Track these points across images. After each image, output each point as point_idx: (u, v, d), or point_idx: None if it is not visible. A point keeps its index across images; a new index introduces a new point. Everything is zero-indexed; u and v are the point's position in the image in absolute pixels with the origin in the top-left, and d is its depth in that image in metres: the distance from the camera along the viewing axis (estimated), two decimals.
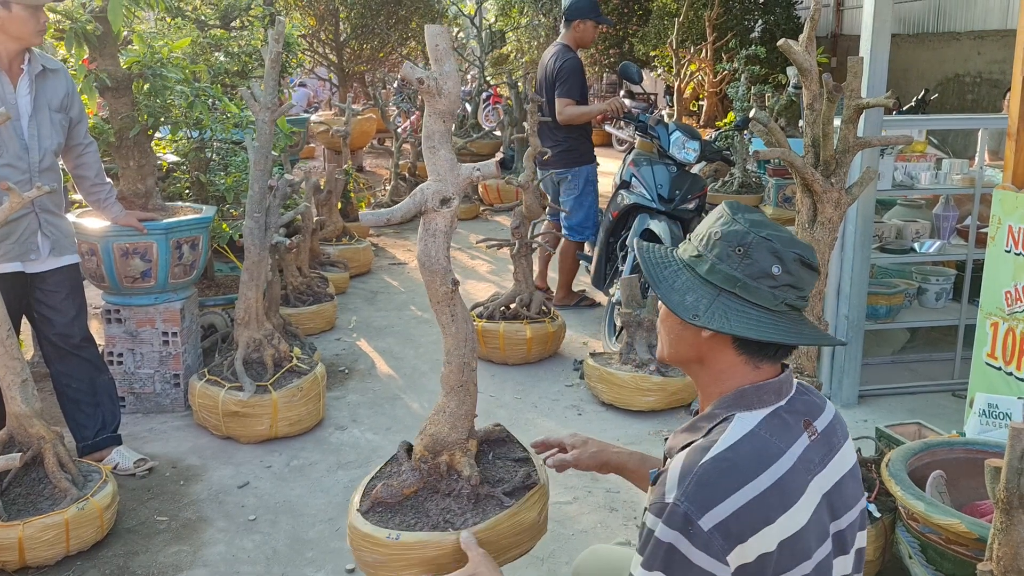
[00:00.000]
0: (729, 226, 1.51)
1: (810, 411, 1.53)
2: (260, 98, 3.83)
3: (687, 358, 1.59)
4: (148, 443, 3.92)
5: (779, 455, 1.42)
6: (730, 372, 1.53)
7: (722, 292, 1.49)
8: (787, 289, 1.49)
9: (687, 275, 1.53)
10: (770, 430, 1.45)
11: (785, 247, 1.49)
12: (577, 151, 5.71)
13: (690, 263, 1.54)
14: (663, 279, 1.54)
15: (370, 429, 4.11)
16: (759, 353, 1.51)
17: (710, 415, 1.52)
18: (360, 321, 5.77)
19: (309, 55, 13.77)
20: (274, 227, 4.04)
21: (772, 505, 1.37)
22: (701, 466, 1.39)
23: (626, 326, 4.36)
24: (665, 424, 4.14)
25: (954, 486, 2.77)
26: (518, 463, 2.38)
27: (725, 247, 1.50)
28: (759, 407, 1.48)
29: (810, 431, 1.49)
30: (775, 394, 1.51)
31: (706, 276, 1.51)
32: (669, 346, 1.61)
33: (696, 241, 1.56)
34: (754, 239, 1.48)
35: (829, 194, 2.90)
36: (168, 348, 4.20)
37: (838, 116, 2.98)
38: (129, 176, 4.17)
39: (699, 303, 1.49)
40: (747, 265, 1.48)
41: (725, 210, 1.56)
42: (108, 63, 4.01)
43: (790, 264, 1.49)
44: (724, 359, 1.53)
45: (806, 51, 2.95)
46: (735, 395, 1.51)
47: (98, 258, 3.99)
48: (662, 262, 1.58)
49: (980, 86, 10.97)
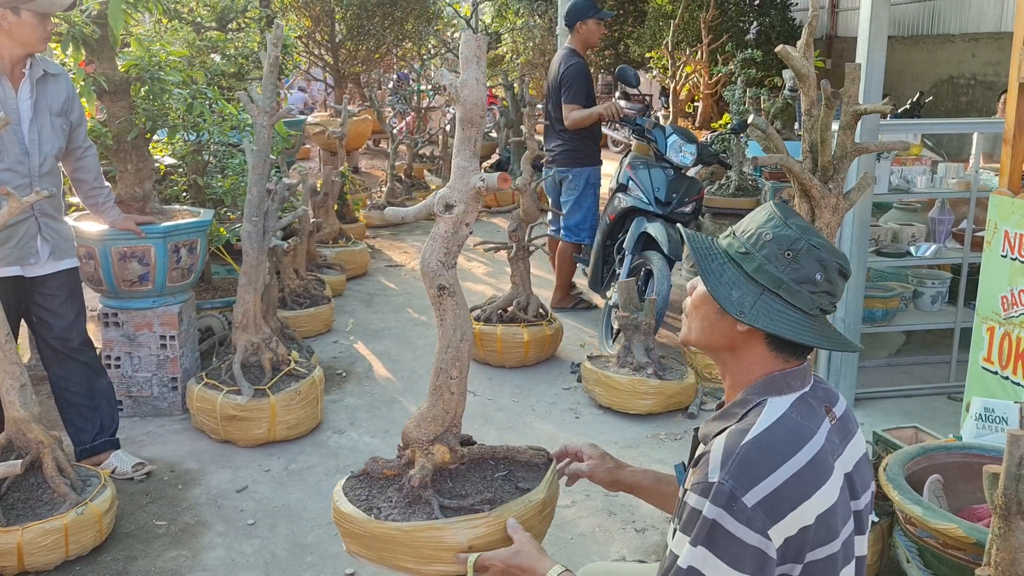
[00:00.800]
0: (781, 229, 1.56)
1: (828, 398, 1.62)
2: (258, 102, 3.83)
3: (717, 346, 1.64)
4: (146, 447, 3.92)
5: (811, 435, 1.50)
6: (760, 363, 1.60)
7: (765, 291, 1.55)
8: (824, 296, 1.56)
9: (733, 270, 1.58)
10: (800, 413, 1.54)
11: (830, 256, 1.56)
12: (580, 152, 5.73)
13: (736, 258, 1.59)
14: (711, 271, 1.59)
15: (368, 432, 4.12)
16: (788, 350, 1.58)
17: (742, 401, 1.59)
18: (357, 324, 5.77)
19: (305, 56, 13.77)
20: (272, 231, 4.04)
21: (808, 481, 1.45)
22: (743, 447, 1.46)
23: (623, 329, 4.38)
24: (662, 427, 4.15)
25: (951, 490, 2.78)
26: (509, 492, 2.22)
27: (775, 249, 1.55)
28: (788, 392, 1.56)
29: (830, 416, 1.58)
30: (800, 380, 1.59)
31: (753, 274, 1.56)
32: (701, 333, 1.65)
33: (743, 237, 1.61)
34: (804, 246, 1.55)
35: (827, 199, 2.92)
36: (166, 351, 4.20)
37: (835, 121, 3.00)
38: (127, 179, 4.17)
39: (744, 299, 1.55)
40: (794, 269, 1.54)
41: (776, 212, 1.60)
42: (106, 66, 4.01)
43: (832, 273, 1.56)
44: (755, 351, 1.60)
45: (804, 57, 2.96)
46: (765, 381, 1.58)
47: (96, 261, 3.99)
48: (709, 253, 1.62)
49: (974, 88, 11.00)
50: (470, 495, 2.19)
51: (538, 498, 2.12)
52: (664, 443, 4.00)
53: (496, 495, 2.19)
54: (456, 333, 2.20)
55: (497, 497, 2.17)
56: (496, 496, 2.18)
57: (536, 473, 2.24)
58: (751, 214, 1.67)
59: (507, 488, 2.23)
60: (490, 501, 2.12)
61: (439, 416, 2.25)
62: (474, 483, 2.28)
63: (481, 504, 2.10)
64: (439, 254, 2.11)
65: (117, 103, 4.06)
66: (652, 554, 3.09)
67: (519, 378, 4.79)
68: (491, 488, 2.24)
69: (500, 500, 2.14)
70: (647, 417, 4.22)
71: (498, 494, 2.20)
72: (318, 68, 14.63)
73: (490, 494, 2.20)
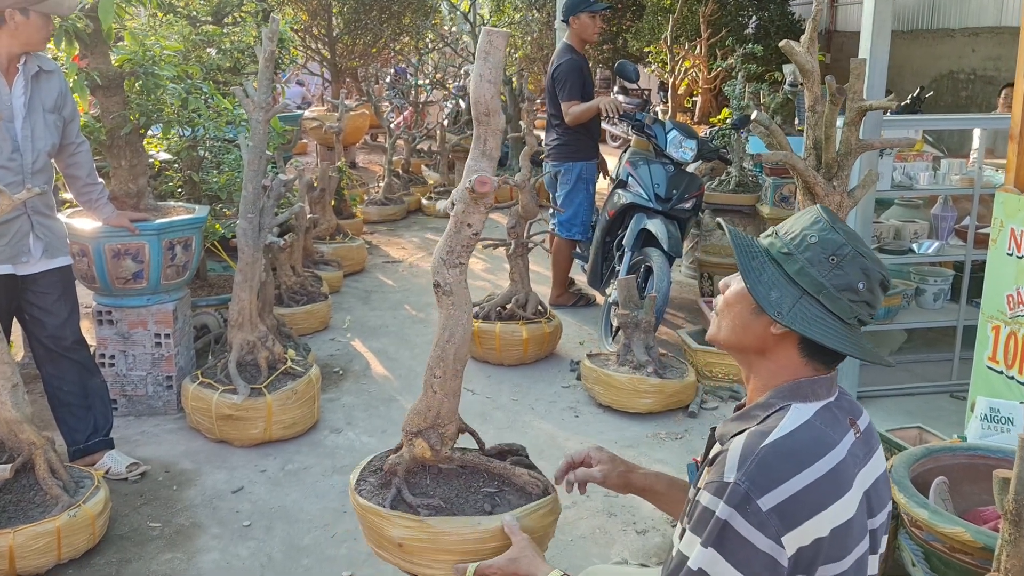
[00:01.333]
0: (827, 233, 1.53)
1: (853, 410, 1.59)
2: (254, 97, 3.78)
3: (747, 347, 1.60)
4: (140, 447, 3.87)
5: (833, 445, 1.47)
6: (789, 368, 1.56)
7: (805, 295, 1.52)
8: (863, 306, 1.53)
9: (773, 270, 1.55)
10: (824, 421, 1.51)
11: (874, 266, 1.53)
12: (572, 146, 5.68)
13: (777, 258, 1.55)
14: (751, 269, 1.55)
15: (365, 432, 4.08)
16: (819, 357, 1.55)
17: (765, 404, 1.56)
18: (354, 321, 5.72)
19: (301, 50, 13.69)
20: (268, 227, 3.99)
21: (826, 492, 1.42)
22: (762, 449, 1.43)
23: (623, 327, 4.33)
24: (663, 426, 4.11)
25: (957, 491, 2.74)
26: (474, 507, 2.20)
27: (819, 253, 1.52)
28: (813, 400, 1.53)
29: (854, 429, 1.55)
30: (827, 389, 1.56)
31: (794, 276, 1.52)
32: (731, 332, 1.62)
33: (786, 238, 1.57)
34: (849, 252, 1.51)
35: (831, 197, 2.88)
36: (161, 350, 4.15)
37: (840, 117, 2.95)
38: (121, 176, 4.11)
39: (783, 301, 1.51)
40: (836, 275, 1.51)
41: (823, 215, 1.57)
42: (99, 61, 3.95)
43: (874, 283, 1.53)
44: (786, 356, 1.56)
45: (808, 52, 2.92)
46: (792, 386, 1.55)
47: (89, 259, 3.94)
48: (749, 250, 1.59)
49: (974, 83, 10.96)
50: (435, 497, 2.20)
51: (490, 526, 2.06)
52: (664, 442, 3.96)
53: (458, 506, 2.18)
54: (444, 333, 2.16)
55: (456, 508, 2.16)
56: (456, 507, 2.17)
57: (524, 500, 2.19)
58: (796, 215, 1.64)
59: (480, 504, 2.20)
60: (438, 509, 2.13)
61: (422, 412, 2.27)
62: (452, 488, 2.25)
63: (428, 509, 2.12)
64: (443, 252, 2.09)
65: (110, 98, 4.00)
66: (654, 556, 3.05)
67: (518, 376, 4.75)
68: (464, 498, 2.22)
69: (458, 511, 2.14)
70: (647, 416, 4.18)
71: (461, 506, 2.19)
72: (315, 63, 14.55)
73: (455, 503, 2.19)
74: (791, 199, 5.45)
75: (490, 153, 1.94)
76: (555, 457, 3.80)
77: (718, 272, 5.78)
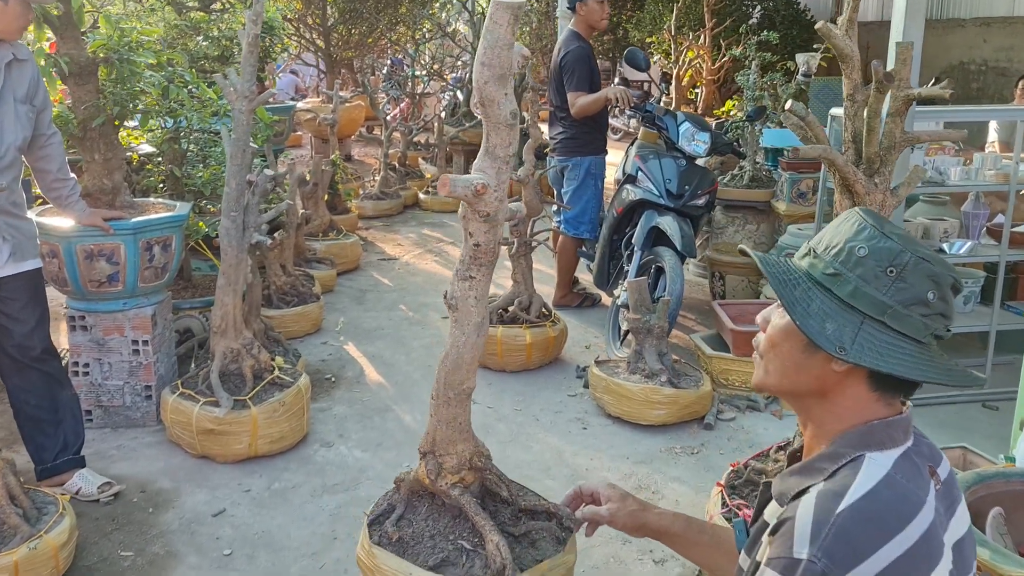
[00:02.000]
0: (878, 241, 1.27)
1: (932, 456, 1.33)
2: (237, 85, 3.49)
3: (805, 390, 1.34)
4: (115, 463, 3.59)
5: (920, 504, 1.22)
6: (856, 408, 1.30)
7: (866, 320, 1.26)
8: (937, 319, 1.27)
9: (822, 296, 1.28)
10: (905, 474, 1.25)
11: (942, 270, 1.26)
12: (580, 140, 5.39)
13: (824, 281, 1.29)
14: (796, 300, 1.28)
15: (358, 445, 3.80)
16: (893, 390, 1.29)
17: (832, 454, 1.29)
18: (348, 323, 5.44)
19: (295, 40, 13.37)
20: (253, 226, 3.70)
21: (919, 564, 1.19)
22: (839, 516, 1.18)
23: (634, 333, 4.05)
24: (677, 440, 3.83)
25: (1011, 522, 2.48)
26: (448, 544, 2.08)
27: (873, 267, 1.26)
28: (890, 447, 1.28)
29: (935, 479, 1.29)
30: (904, 432, 1.30)
31: (849, 300, 1.26)
32: (782, 375, 1.35)
33: (828, 255, 1.30)
34: (910, 259, 1.25)
35: (873, 196, 2.60)
36: (139, 357, 3.86)
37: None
38: (94, 170, 3.82)
39: (843, 333, 1.25)
40: (900, 290, 1.25)
41: (866, 219, 1.30)
42: (70, 46, 3.65)
43: (945, 289, 1.27)
44: (853, 394, 1.30)
45: (847, 35, 2.63)
46: (863, 432, 1.28)
47: (60, 260, 3.65)
48: (788, 278, 1.32)
49: (986, 74, 10.69)
50: (410, 528, 2.10)
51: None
52: (679, 458, 3.69)
53: (416, 548, 2.07)
54: (442, 353, 1.90)
55: (412, 549, 2.07)
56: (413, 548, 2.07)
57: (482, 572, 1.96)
58: (831, 225, 1.36)
59: (441, 554, 2.05)
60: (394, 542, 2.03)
61: (426, 433, 2.07)
62: (435, 525, 2.13)
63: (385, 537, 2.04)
64: (458, 262, 1.82)
65: (82, 87, 3.70)
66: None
67: (521, 384, 4.47)
68: (434, 542, 2.09)
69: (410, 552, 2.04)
70: (660, 428, 3.90)
71: (421, 549, 2.07)
72: (310, 53, 14.23)
73: (419, 542, 2.09)
74: (808, 195, 5.16)
75: (493, 151, 1.66)
76: (563, 476, 3.53)
77: (730, 271, 5.51)
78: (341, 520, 3.18)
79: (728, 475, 2.92)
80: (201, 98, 4.56)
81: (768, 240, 5.46)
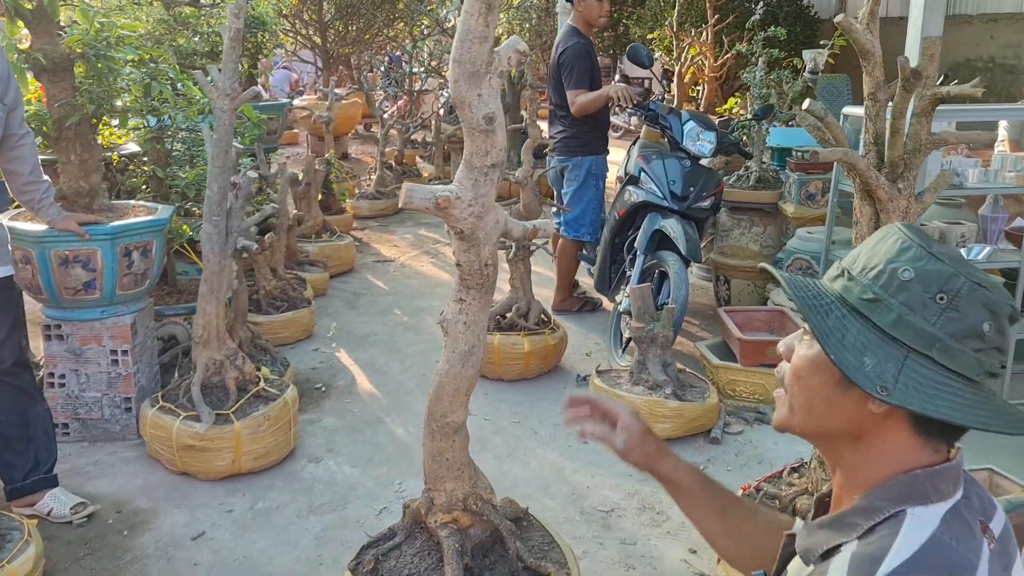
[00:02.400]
0: (925, 263, 1.08)
1: (984, 509, 1.13)
2: (218, 83, 3.30)
3: (836, 432, 1.16)
4: (92, 480, 3.41)
5: (973, 570, 1.04)
6: (896, 455, 1.12)
7: (911, 354, 1.07)
8: (992, 353, 1.08)
9: (858, 326, 1.09)
10: (953, 534, 1.06)
11: (1000, 298, 1.08)
12: (580, 139, 5.20)
13: (861, 308, 1.10)
14: (830, 331, 1.09)
15: (348, 461, 3.62)
16: (941, 434, 1.11)
17: (868, 509, 1.10)
18: (340, 328, 5.25)
19: (292, 36, 13.18)
20: (237, 231, 3.51)
21: None
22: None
23: (637, 342, 3.87)
24: (683, 454, 3.63)
25: None
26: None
27: (920, 292, 1.07)
28: (936, 500, 1.09)
29: (988, 536, 1.09)
30: (952, 482, 1.10)
31: (890, 330, 1.08)
32: (809, 415, 1.17)
33: (866, 277, 1.12)
34: (964, 285, 1.06)
35: (896, 202, 2.42)
36: (118, 368, 3.68)
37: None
38: (70, 172, 3.63)
39: (884, 370, 1.06)
40: (951, 320, 1.06)
41: (910, 236, 1.12)
42: (44, 41, 3.47)
43: (1003, 321, 1.08)
44: (893, 439, 1.12)
45: (867, 30, 2.45)
46: (904, 483, 1.10)
47: (33, 267, 3.47)
48: (819, 303, 1.13)
49: (993, 71, 10.49)
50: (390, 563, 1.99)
51: None
52: None
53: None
54: (440, 366, 1.70)
55: None
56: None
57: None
58: (868, 243, 1.16)
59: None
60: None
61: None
62: (420, 564, 1.96)
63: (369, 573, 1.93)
64: None
65: (57, 84, 3.52)
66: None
67: (519, 394, 4.29)
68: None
69: None
70: (665, 443, 3.72)
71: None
72: (307, 50, 14.03)
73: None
74: (817, 197, 4.98)
75: (469, 159, 1.48)
76: (562, 495, 3.35)
77: (735, 275, 5.32)
78: (327, 544, 3.00)
79: None
80: (187, 95, 4.38)
81: (775, 243, 5.27)
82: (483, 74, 1.40)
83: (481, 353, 1.56)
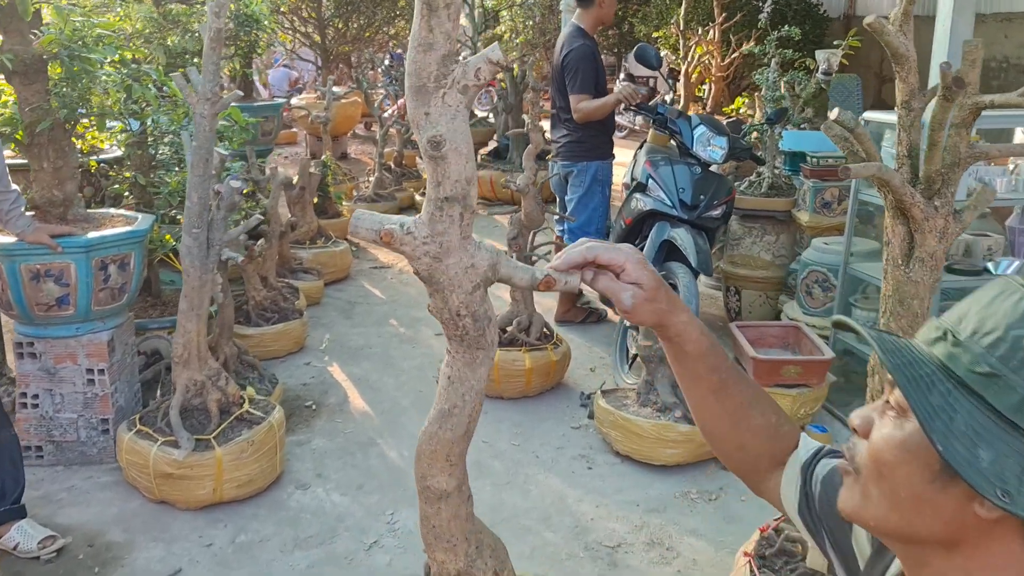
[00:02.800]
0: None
1: None
2: (198, 86, 3.09)
3: (926, 536, 0.89)
4: (64, 508, 3.21)
5: None
6: (1006, 571, 0.86)
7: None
8: None
9: (968, 406, 0.83)
10: None
11: None
12: (585, 143, 4.98)
13: (973, 384, 0.83)
14: (933, 411, 0.83)
15: (337, 488, 3.40)
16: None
17: None
18: (334, 340, 5.04)
19: (290, 34, 12.97)
20: (220, 243, 3.30)
21: None
22: None
23: (645, 361, 3.66)
24: (693, 483, 3.43)
25: None
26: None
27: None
28: None
29: None
30: None
31: (1012, 416, 0.81)
32: (891, 510, 0.91)
33: (977, 342, 0.85)
34: None
35: (933, 221, 2.20)
36: (94, 388, 3.47)
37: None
38: (43, 180, 3.42)
39: (1004, 467, 0.79)
40: None
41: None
42: (14, 41, 3.26)
43: None
44: (1003, 551, 0.86)
45: (901, 32, 2.23)
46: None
47: (3, 281, 3.27)
48: (918, 374, 0.86)
49: (1007, 72, 10.24)
50: None
51: None
52: (696, 504, 3.29)
53: None
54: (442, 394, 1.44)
55: None
56: None
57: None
58: (977, 299, 0.89)
59: None
60: None
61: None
62: None
63: None
64: None
65: (29, 87, 3.31)
66: None
67: (519, 413, 4.07)
68: None
69: None
70: (674, 469, 3.51)
71: None
72: (306, 48, 13.82)
73: None
74: (833, 205, 4.75)
75: (428, 191, 1.26)
76: (564, 527, 3.13)
77: (746, 286, 5.10)
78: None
79: (757, 542, 2.52)
80: (173, 97, 4.17)
81: (788, 253, 5.04)
82: (432, 89, 1.18)
83: (467, 417, 1.33)
